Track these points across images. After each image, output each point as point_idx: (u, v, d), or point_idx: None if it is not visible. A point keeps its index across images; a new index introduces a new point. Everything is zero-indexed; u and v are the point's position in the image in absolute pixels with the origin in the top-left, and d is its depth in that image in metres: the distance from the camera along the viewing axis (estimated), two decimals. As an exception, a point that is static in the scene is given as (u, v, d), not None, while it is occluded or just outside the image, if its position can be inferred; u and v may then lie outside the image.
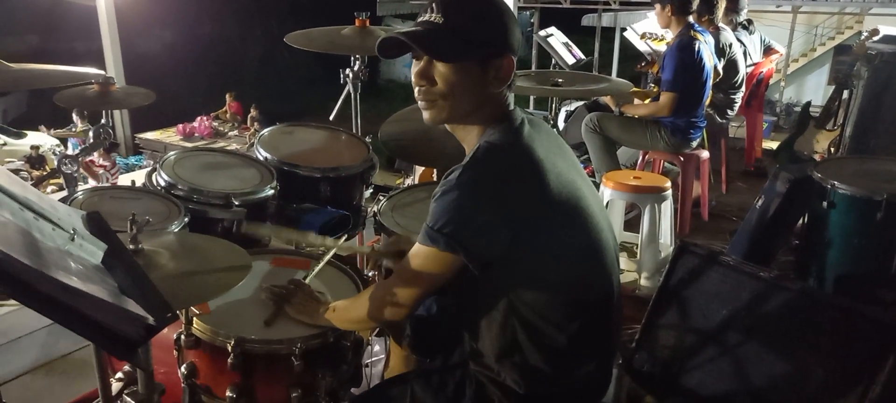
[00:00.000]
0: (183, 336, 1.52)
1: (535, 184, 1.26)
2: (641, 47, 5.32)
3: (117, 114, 8.00)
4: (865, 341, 1.77)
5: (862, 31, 9.10)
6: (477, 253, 1.25)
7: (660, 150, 3.85)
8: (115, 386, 1.59)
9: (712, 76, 3.73)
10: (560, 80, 3.25)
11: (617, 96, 3.94)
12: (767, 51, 5.02)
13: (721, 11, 4.05)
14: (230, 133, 8.87)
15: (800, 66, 12.29)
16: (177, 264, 1.37)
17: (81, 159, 2.27)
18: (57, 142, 8.91)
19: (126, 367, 1.63)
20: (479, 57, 1.30)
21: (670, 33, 3.77)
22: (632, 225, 3.69)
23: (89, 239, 1.08)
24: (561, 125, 4.95)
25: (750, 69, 4.70)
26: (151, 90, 2.63)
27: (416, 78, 1.32)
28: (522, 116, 1.36)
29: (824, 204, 2.56)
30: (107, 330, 0.86)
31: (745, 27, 4.69)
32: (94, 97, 2.45)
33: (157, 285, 1.06)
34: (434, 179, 3.03)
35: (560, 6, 9.13)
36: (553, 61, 4.74)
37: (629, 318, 2.29)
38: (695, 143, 3.79)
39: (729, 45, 4.10)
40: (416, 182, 4.07)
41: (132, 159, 8.70)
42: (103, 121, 2.48)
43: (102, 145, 2.43)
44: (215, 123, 9.01)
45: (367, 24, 2.69)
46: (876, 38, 3.75)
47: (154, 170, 2.17)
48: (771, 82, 5.74)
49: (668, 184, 3.26)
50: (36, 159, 7.67)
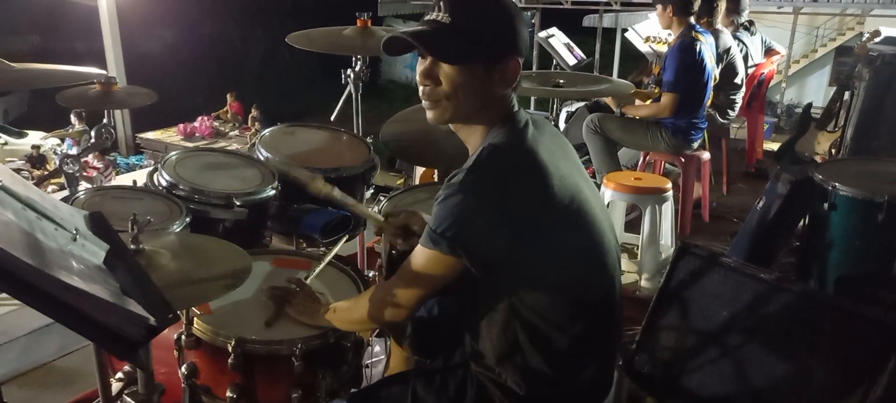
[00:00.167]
0: (183, 337, 1.52)
1: (539, 188, 1.26)
2: (643, 49, 5.32)
3: (118, 114, 7.99)
4: (866, 343, 1.77)
5: (863, 32, 9.10)
6: (479, 257, 1.25)
7: (661, 151, 3.85)
8: (116, 386, 1.60)
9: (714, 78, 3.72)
10: (561, 81, 3.25)
11: (618, 97, 3.94)
12: (768, 52, 5.01)
13: (720, 14, 4.04)
14: (231, 133, 8.85)
15: (801, 68, 12.28)
16: (178, 264, 1.37)
17: (82, 159, 2.27)
18: (58, 141, 8.90)
19: (126, 367, 1.64)
20: (485, 58, 1.29)
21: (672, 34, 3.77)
22: (632, 226, 3.69)
23: (91, 239, 1.08)
24: (562, 126, 4.95)
25: (751, 70, 4.69)
26: (152, 90, 2.62)
27: (421, 78, 1.31)
28: (526, 117, 1.35)
29: (825, 205, 2.56)
30: (108, 330, 0.86)
31: (746, 28, 4.68)
32: (96, 97, 2.45)
33: (158, 285, 1.06)
34: (435, 180, 3.03)
35: (561, 7, 9.14)
36: (554, 62, 4.74)
37: (630, 319, 2.29)
38: (696, 144, 3.78)
39: (727, 50, 4.07)
40: (417, 182, 4.07)
41: (133, 159, 8.70)
42: (104, 121, 2.47)
43: (104, 145, 2.43)
44: (216, 123, 9.00)
45: (369, 24, 2.69)
46: (877, 40, 3.74)
47: (155, 170, 2.18)
48: (772, 83, 5.73)
49: (669, 185, 3.26)
50: (37, 159, 7.66)
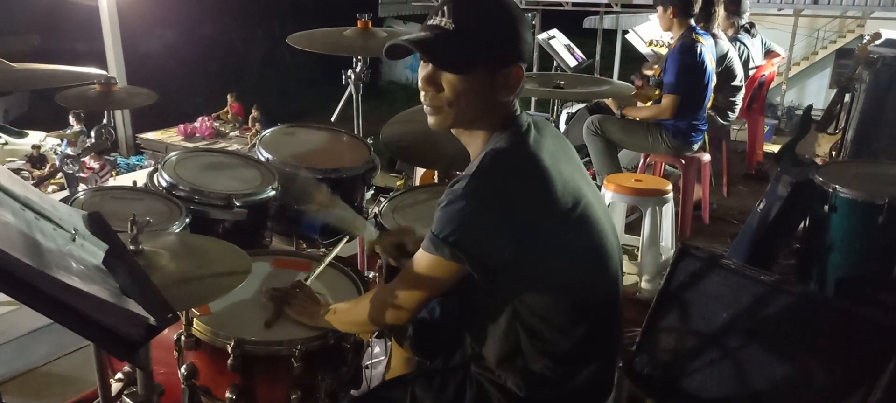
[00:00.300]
0: (183, 337, 1.52)
1: (541, 193, 1.25)
2: (645, 51, 5.32)
3: (119, 115, 7.98)
4: (866, 345, 1.77)
5: (864, 34, 9.09)
6: (482, 263, 1.24)
7: (661, 153, 3.85)
8: (115, 387, 1.59)
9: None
10: (562, 83, 3.25)
11: (618, 99, 3.94)
12: (768, 54, 5.01)
13: (717, 20, 4.03)
14: (231, 133, 8.84)
15: (801, 70, 12.28)
16: (177, 265, 1.37)
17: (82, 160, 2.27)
18: (58, 141, 8.90)
19: (126, 367, 1.63)
20: (490, 67, 1.27)
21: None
22: (633, 227, 3.69)
23: (90, 240, 1.08)
24: (562, 127, 4.94)
25: (752, 72, 4.70)
26: (153, 90, 2.63)
27: (423, 83, 1.30)
28: (528, 121, 1.33)
29: (826, 207, 2.56)
30: (108, 330, 0.86)
31: (747, 30, 4.69)
32: (96, 97, 2.45)
33: (157, 286, 1.06)
34: (435, 181, 3.02)
35: (562, 8, 9.16)
36: (555, 63, 4.74)
37: (630, 321, 2.29)
38: (696, 146, 3.78)
39: (724, 55, 4.05)
40: (417, 183, 4.07)
41: (133, 159, 8.70)
42: (104, 121, 2.47)
43: (104, 146, 2.43)
44: (217, 124, 8.99)
45: (370, 25, 2.69)
46: (878, 42, 3.74)
47: (155, 170, 2.17)
48: (772, 86, 5.73)
49: (670, 186, 3.26)
50: (37, 158, 7.65)
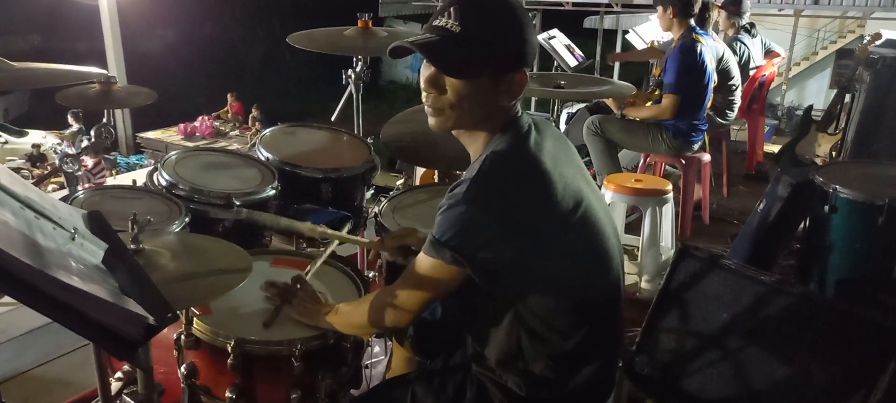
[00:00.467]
0: (183, 337, 1.52)
1: (542, 195, 1.24)
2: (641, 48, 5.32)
3: (119, 114, 7.97)
4: (866, 345, 1.77)
5: (864, 35, 9.08)
6: (483, 266, 1.24)
7: (661, 153, 3.85)
8: (115, 386, 1.59)
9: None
10: (562, 82, 3.25)
11: (618, 99, 3.94)
12: (769, 53, 5.02)
13: (711, 23, 4.03)
14: (231, 133, 8.83)
15: (801, 70, 12.27)
16: (177, 264, 1.37)
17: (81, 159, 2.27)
18: (58, 140, 8.90)
19: (125, 367, 1.63)
20: (494, 72, 1.26)
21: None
22: (633, 227, 3.69)
23: (90, 239, 1.08)
24: (562, 127, 4.95)
25: (752, 72, 4.70)
26: (153, 89, 2.63)
27: (426, 85, 1.29)
28: (528, 122, 1.33)
29: (826, 208, 2.56)
30: (107, 329, 0.86)
31: (747, 30, 4.69)
32: (96, 96, 2.45)
33: (157, 285, 1.06)
34: (435, 181, 3.02)
35: (562, 8, 9.16)
36: (555, 63, 4.74)
37: (630, 321, 2.29)
38: (696, 146, 3.79)
39: (720, 58, 4.04)
40: (418, 183, 4.07)
41: (133, 158, 8.69)
42: (104, 120, 2.48)
43: (103, 145, 2.43)
44: (216, 123, 8.99)
45: (370, 25, 2.69)
46: (878, 43, 3.75)
47: (155, 169, 2.17)
48: (772, 86, 5.73)
49: (670, 186, 3.26)
50: (37, 157, 7.65)
